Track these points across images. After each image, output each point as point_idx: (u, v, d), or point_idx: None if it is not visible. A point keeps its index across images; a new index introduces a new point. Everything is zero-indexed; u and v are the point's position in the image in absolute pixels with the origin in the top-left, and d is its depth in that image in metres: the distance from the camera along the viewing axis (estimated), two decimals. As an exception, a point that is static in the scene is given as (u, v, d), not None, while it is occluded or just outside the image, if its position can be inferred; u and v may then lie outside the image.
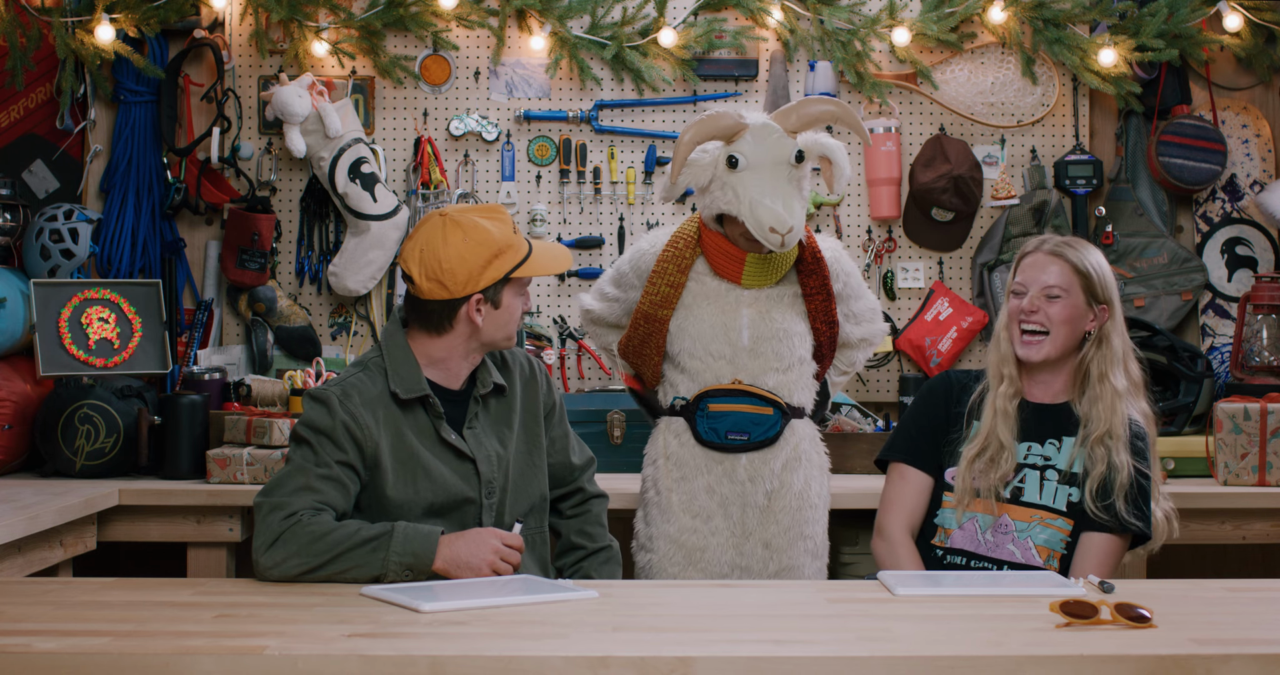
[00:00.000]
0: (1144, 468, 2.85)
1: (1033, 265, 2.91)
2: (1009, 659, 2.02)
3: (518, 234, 2.73)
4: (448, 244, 2.66)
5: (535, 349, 4.14)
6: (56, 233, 4.05)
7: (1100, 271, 2.89)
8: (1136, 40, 4.20)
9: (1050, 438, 2.89)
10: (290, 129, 4.11)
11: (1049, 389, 2.93)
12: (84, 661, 2.00)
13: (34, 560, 3.17)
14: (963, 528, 2.88)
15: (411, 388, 2.69)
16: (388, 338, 2.76)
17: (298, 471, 2.60)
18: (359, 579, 2.50)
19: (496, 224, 2.69)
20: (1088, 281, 2.87)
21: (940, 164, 4.20)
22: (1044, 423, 2.90)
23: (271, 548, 2.51)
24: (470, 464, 2.72)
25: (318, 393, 2.66)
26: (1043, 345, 2.87)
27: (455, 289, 2.66)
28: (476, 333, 2.71)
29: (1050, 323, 2.86)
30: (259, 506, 2.57)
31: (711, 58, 4.28)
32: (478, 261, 2.66)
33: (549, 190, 4.31)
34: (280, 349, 4.22)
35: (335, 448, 2.61)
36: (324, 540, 2.50)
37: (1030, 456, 2.89)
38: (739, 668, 2.00)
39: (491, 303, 2.69)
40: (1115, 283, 2.93)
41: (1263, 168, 4.37)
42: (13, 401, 3.81)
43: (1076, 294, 2.87)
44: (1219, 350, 4.30)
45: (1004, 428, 2.87)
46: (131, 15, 4.09)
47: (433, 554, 2.52)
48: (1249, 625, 2.28)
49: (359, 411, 2.64)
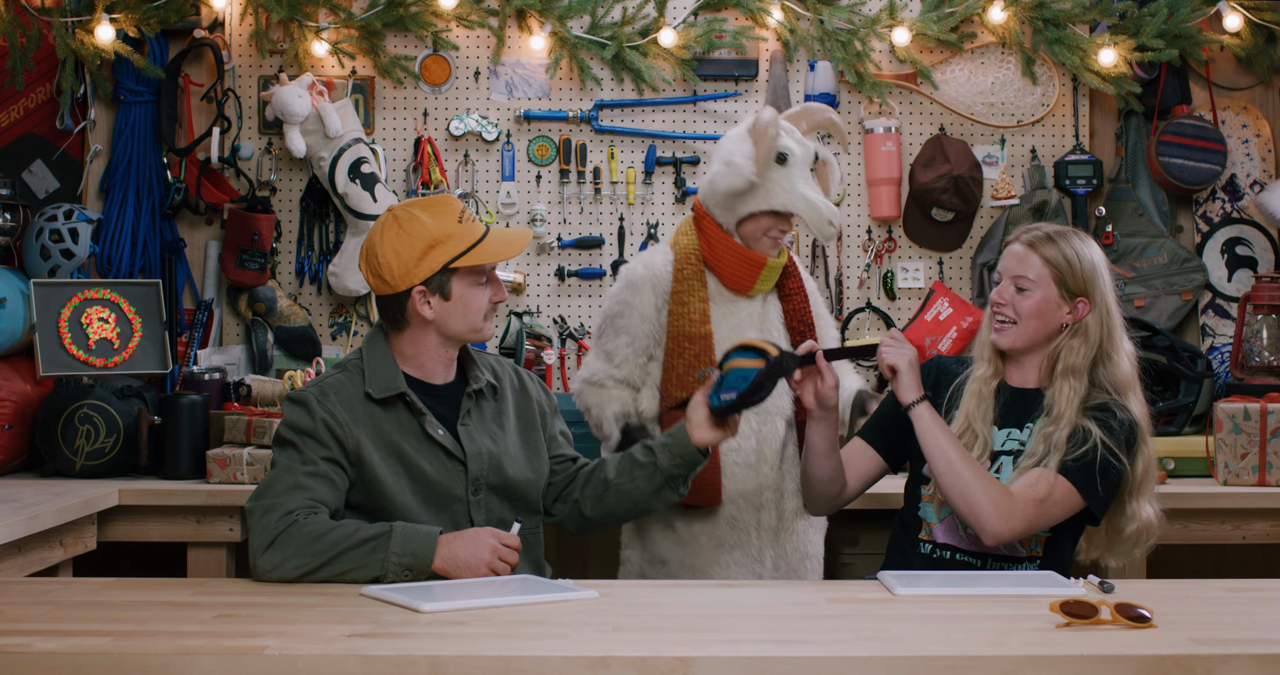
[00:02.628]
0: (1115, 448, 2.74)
1: (1009, 254, 2.88)
2: (1009, 659, 2.02)
3: (468, 223, 2.70)
4: (384, 239, 2.69)
5: (535, 349, 4.14)
6: (56, 233, 4.05)
7: (1080, 264, 2.82)
8: (1136, 40, 4.20)
9: (1027, 422, 2.84)
10: (290, 129, 4.11)
11: (1026, 374, 2.88)
12: (84, 661, 2.00)
13: (34, 560, 3.17)
14: (943, 521, 2.85)
15: (386, 386, 2.70)
16: (368, 339, 2.78)
17: (285, 472, 2.60)
18: (358, 580, 2.50)
19: (435, 215, 2.69)
20: (1061, 274, 2.82)
21: (940, 164, 4.20)
22: (1021, 407, 2.86)
23: (269, 549, 2.51)
24: (458, 461, 2.72)
25: (296, 395, 2.68)
26: (1010, 333, 2.84)
27: (394, 282, 2.68)
28: (432, 326, 2.71)
29: (1018, 315, 2.83)
30: (251, 511, 2.57)
31: (711, 58, 4.28)
32: (412, 254, 2.67)
33: (549, 190, 4.31)
34: (280, 349, 4.22)
35: (319, 445, 2.62)
36: (322, 540, 2.50)
37: (1008, 442, 2.85)
38: (739, 668, 2.00)
39: (440, 294, 2.69)
40: (1104, 275, 2.86)
41: (1263, 168, 4.37)
42: (13, 401, 3.81)
43: (1047, 287, 2.82)
44: (1219, 350, 4.30)
45: (979, 415, 2.84)
46: (131, 15, 4.09)
47: (431, 554, 2.52)
48: (1249, 625, 2.28)
49: (336, 409, 2.65)
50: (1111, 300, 2.86)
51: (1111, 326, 2.85)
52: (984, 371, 2.88)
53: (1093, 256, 2.86)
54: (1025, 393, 2.87)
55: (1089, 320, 2.83)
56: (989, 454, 2.83)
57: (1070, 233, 2.89)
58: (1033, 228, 2.90)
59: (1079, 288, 2.83)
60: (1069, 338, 2.83)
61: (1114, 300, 2.87)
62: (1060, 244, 2.84)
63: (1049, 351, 2.86)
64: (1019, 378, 2.89)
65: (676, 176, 4.30)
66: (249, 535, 2.57)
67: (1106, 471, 2.74)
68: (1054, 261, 2.83)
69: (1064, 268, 2.83)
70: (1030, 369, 2.88)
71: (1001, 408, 2.86)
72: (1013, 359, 2.89)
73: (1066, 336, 2.83)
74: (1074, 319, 2.83)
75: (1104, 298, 2.85)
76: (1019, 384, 2.88)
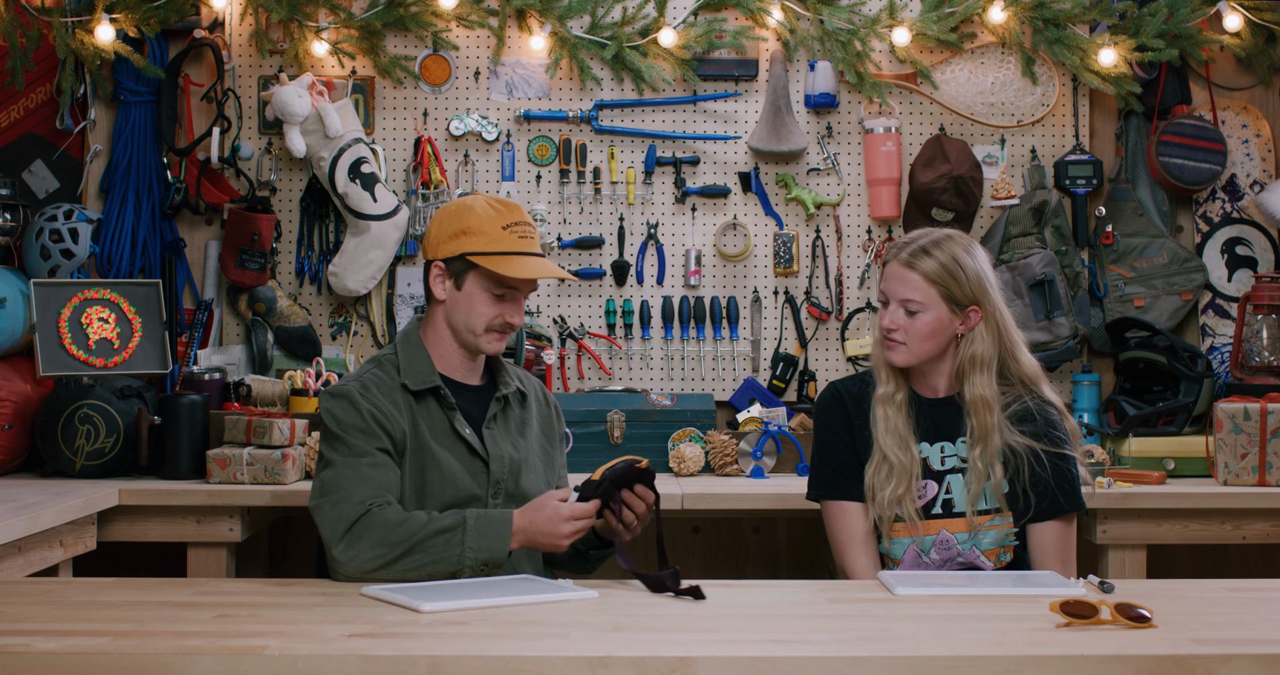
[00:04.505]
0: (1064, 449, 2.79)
1: (890, 275, 2.79)
2: (1009, 659, 2.02)
3: (512, 235, 2.73)
4: (442, 211, 2.80)
5: (535, 349, 4.14)
6: (56, 233, 4.05)
7: (964, 272, 2.75)
8: (1136, 40, 4.19)
9: (960, 436, 2.81)
10: (290, 129, 4.11)
11: (934, 383, 2.84)
12: (84, 661, 2.00)
13: (34, 560, 3.17)
14: (905, 554, 2.82)
15: (423, 379, 2.73)
16: (403, 334, 2.82)
17: (345, 467, 2.61)
18: (435, 574, 2.51)
19: (488, 212, 2.74)
20: (947, 289, 2.75)
21: (940, 164, 4.19)
22: (945, 420, 2.82)
23: (345, 539, 2.51)
24: (480, 461, 2.74)
25: (336, 390, 2.69)
26: (903, 352, 2.78)
27: (427, 249, 2.79)
28: (443, 309, 2.76)
29: (909, 337, 2.76)
30: (318, 508, 2.57)
31: (711, 58, 4.28)
32: (446, 231, 2.75)
33: (549, 190, 4.31)
34: (280, 349, 4.22)
35: (370, 437, 2.64)
36: (398, 530, 2.52)
37: (948, 459, 2.82)
38: (739, 668, 2.00)
39: (454, 280, 2.74)
40: (989, 278, 2.78)
41: (1263, 168, 4.37)
42: (13, 401, 3.81)
43: (937, 305, 2.76)
44: (1219, 350, 4.30)
45: (894, 439, 2.77)
46: (131, 15, 4.09)
47: (507, 543, 2.55)
48: (1249, 625, 2.28)
49: (380, 400, 2.68)
50: (999, 300, 2.80)
51: (1006, 325, 2.80)
52: (886, 389, 2.82)
53: (975, 262, 2.78)
54: (942, 403, 2.84)
55: (982, 327, 2.78)
56: (919, 473, 2.79)
57: (946, 239, 2.79)
58: (908, 242, 2.80)
59: (968, 298, 2.77)
60: (966, 347, 2.78)
61: (1000, 299, 2.80)
62: (938, 256, 2.76)
63: (951, 359, 2.81)
64: (928, 388, 2.85)
65: (676, 176, 4.30)
66: (320, 532, 2.56)
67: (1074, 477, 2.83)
68: (937, 278, 2.75)
69: (949, 282, 2.75)
70: (938, 377, 2.84)
71: (924, 421, 2.82)
72: (916, 371, 2.84)
73: (965, 345, 2.78)
74: (967, 328, 2.78)
75: (993, 301, 2.78)
76: (932, 394, 2.85)
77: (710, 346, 4.29)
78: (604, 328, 4.29)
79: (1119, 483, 3.66)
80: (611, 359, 4.29)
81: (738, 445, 3.90)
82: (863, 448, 2.84)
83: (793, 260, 4.25)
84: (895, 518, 2.79)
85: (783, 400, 4.22)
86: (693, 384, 4.29)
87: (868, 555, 2.83)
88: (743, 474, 3.90)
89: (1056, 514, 2.81)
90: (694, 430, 3.96)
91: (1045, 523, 2.81)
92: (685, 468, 3.88)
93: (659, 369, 4.29)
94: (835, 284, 4.31)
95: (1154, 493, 3.63)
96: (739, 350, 4.30)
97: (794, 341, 4.31)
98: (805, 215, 4.30)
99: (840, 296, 4.31)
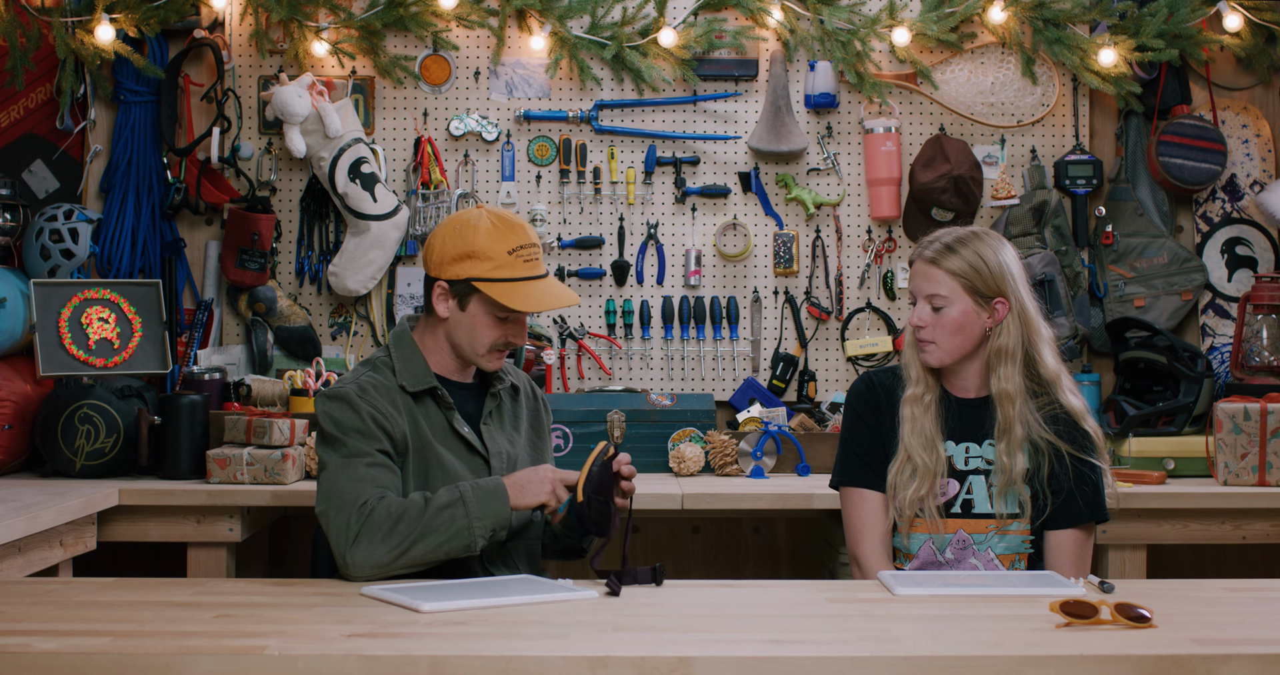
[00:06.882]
0: (1091, 457, 2.79)
1: (916, 273, 2.82)
2: (1009, 659, 2.02)
3: (519, 260, 2.70)
4: (446, 225, 2.75)
5: (535, 349, 4.14)
6: (56, 233, 4.05)
7: (987, 266, 2.77)
8: (1136, 40, 4.20)
9: (988, 438, 2.81)
10: (290, 129, 4.11)
11: (965, 383, 2.84)
12: (84, 661, 2.00)
13: (34, 560, 3.17)
14: (920, 551, 2.82)
15: (419, 380, 2.73)
16: (395, 336, 2.80)
17: (344, 468, 2.62)
18: (452, 552, 2.54)
19: (495, 233, 2.69)
20: (972, 282, 2.76)
21: (940, 164, 4.20)
22: (974, 420, 2.82)
23: (355, 543, 2.52)
24: (480, 458, 2.75)
25: (334, 392, 2.68)
26: (936, 352, 2.79)
27: (430, 266, 2.75)
28: (445, 325, 2.75)
29: (937, 334, 2.78)
30: (324, 515, 2.58)
31: (711, 58, 4.28)
32: (450, 252, 2.71)
33: (549, 190, 4.31)
34: (280, 349, 4.22)
35: (369, 439, 2.64)
36: (402, 521, 2.53)
37: (972, 460, 2.82)
38: (739, 668, 2.00)
39: (457, 301, 2.72)
40: (1014, 271, 2.80)
41: (1263, 168, 4.37)
42: (13, 401, 3.81)
43: (962, 299, 2.77)
44: (1219, 350, 4.30)
45: (921, 439, 2.78)
46: (131, 15, 4.09)
47: (507, 504, 2.58)
48: (1249, 625, 2.28)
49: (379, 402, 2.67)
50: (1026, 294, 2.81)
51: (1031, 320, 2.81)
52: (916, 390, 2.82)
53: (998, 255, 2.80)
54: (973, 403, 2.84)
55: (1009, 322, 2.79)
56: (945, 473, 2.80)
57: (970, 236, 2.82)
58: (932, 240, 2.83)
59: (992, 290, 2.78)
60: (995, 340, 2.78)
61: (1028, 294, 2.82)
62: (962, 252, 2.78)
63: (982, 357, 2.82)
64: (959, 388, 2.85)
65: (676, 176, 4.30)
66: (329, 539, 2.57)
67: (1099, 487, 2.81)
68: (961, 272, 2.77)
69: (972, 275, 2.77)
70: (969, 378, 2.84)
71: (953, 420, 2.83)
72: (948, 371, 2.85)
73: (993, 340, 2.79)
74: (995, 322, 2.79)
75: (1019, 294, 2.80)
76: (963, 394, 2.85)
77: (710, 346, 4.29)
78: (604, 328, 4.29)
79: (1119, 483, 3.66)
80: (611, 359, 4.29)
81: (738, 445, 3.90)
82: (889, 441, 2.85)
83: (793, 260, 4.25)
84: (915, 515, 2.81)
85: (783, 400, 4.22)
86: (693, 384, 4.29)
87: (881, 546, 2.84)
88: (743, 474, 3.90)
89: (1078, 522, 2.80)
90: (694, 430, 3.96)
91: (1065, 530, 2.80)
92: (685, 468, 3.89)
93: (659, 369, 4.29)
94: (835, 284, 4.31)
95: (1154, 493, 3.63)
96: (739, 350, 4.30)
97: (794, 341, 4.31)
98: (805, 215, 4.30)
99: (840, 296, 4.31)
